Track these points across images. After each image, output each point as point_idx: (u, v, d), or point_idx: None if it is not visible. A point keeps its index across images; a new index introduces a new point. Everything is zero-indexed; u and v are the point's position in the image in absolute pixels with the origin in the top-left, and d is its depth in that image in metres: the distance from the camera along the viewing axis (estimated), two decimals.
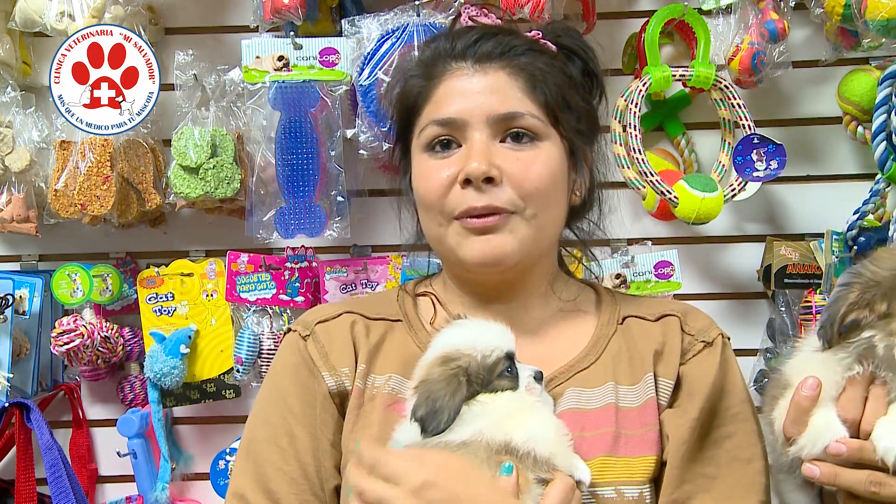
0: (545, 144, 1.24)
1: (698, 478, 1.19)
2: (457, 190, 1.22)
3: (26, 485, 1.85)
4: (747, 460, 1.22)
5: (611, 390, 1.23)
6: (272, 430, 1.25)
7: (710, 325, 1.30)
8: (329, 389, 1.25)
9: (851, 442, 1.11)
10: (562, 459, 1.12)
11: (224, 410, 1.99)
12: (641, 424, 1.21)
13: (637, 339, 1.28)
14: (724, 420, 1.23)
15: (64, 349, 1.86)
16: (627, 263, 1.90)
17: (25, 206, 1.88)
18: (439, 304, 1.35)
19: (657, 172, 1.75)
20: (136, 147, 1.86)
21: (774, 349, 1.91)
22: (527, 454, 1.09)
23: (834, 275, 1.79)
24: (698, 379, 1.24)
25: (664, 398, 1.23)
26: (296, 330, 1.32)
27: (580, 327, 1.32)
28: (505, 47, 1.26)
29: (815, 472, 1.12)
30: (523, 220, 1.22)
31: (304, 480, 1.22)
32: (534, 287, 1.32)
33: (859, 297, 1.15)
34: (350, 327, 1.30)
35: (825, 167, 1.98)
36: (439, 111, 1.25)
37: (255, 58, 1.77)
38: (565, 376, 1.25)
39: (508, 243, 1.21)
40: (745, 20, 1.80)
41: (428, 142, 1.26)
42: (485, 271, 1.25)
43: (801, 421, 1.14)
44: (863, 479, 1.10)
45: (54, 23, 1.81)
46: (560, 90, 1.26)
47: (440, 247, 1.29)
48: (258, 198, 1.83)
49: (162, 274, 1.96)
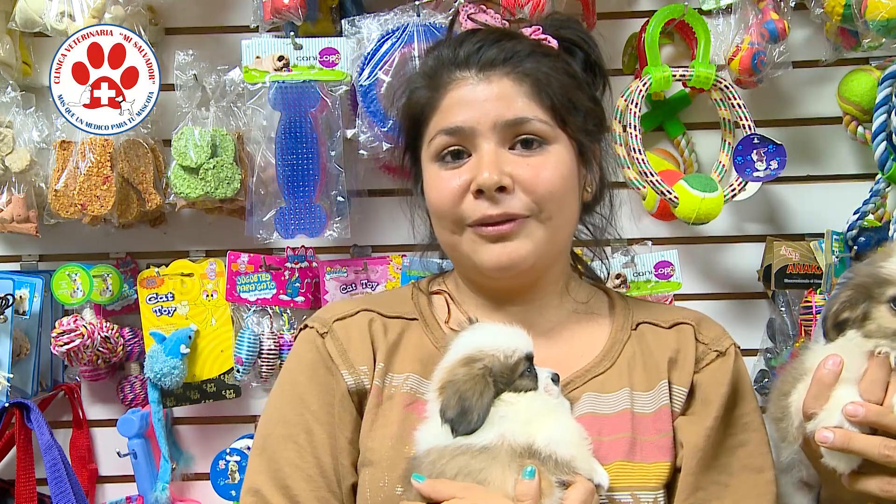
0: (554, 148, 1.25)
1: (711, 485, 1.20)
2: (469, 199, 1.22)
3: (26, 485, 1.85)
4: (759, 469, 1.24)
5: (626, 396, 1.24)
6: (289, 428, 1.25)
7: (723, 335, 1.31)
8: (348, 387, 1.25)
9: (868, 404, 1.11)
10: (582, 462, 1.13)
11: (224, 410, 1.99)
12: (656, 431, 1.22)
13: (651, 346, 1.29)
14: (737, 429, 1.25)
15: (64, 349, 1.86)
16: (628, 263, 1.90)
17: (25, 206, 1.88)
18: (453, 303, 1.35)
19: (657, 172, 1.75)
20: (136, 147, 1.86)
21: (774, 349, 1.91)
22: (549, 457, 1.10)
23: (834, 275, 1.79)
24: (712, 387, 1.25)
25: (678, 405, 1.25)
26: (313, 327, 1.32)
27: (595, 331, 1.33)
28: (508, 53, 1.26)
29: (828, 437, 1.11)
30: (539, 222, 1.23)
31: (321, 478, 1.22)
32: (549, 288, 1.33)
33: (849, 297, 1.18)
34: (368, 325, 1.30)
35: (825, 167, 1.98)
36: (446, 120, 1.25)
37: (256, 58, 1.77)
38: (582, 380, 1.26)
39: (524, 248, 1.22)
40: (745, 20, 1.80)
41: (437, 152, 1.26)
42: (501, 276, 1.26)
43: (822, 396, 1.14)
44: (877, 444, 1.09)
45: (54, 23, 1.81)
46: (565, 92, 1.26)
47: (454, 253, 1.29)
48: (258, 198, 1.83)
49: (162, 274, 1.96)
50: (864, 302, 1.16)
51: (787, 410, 1.20)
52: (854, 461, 1.12)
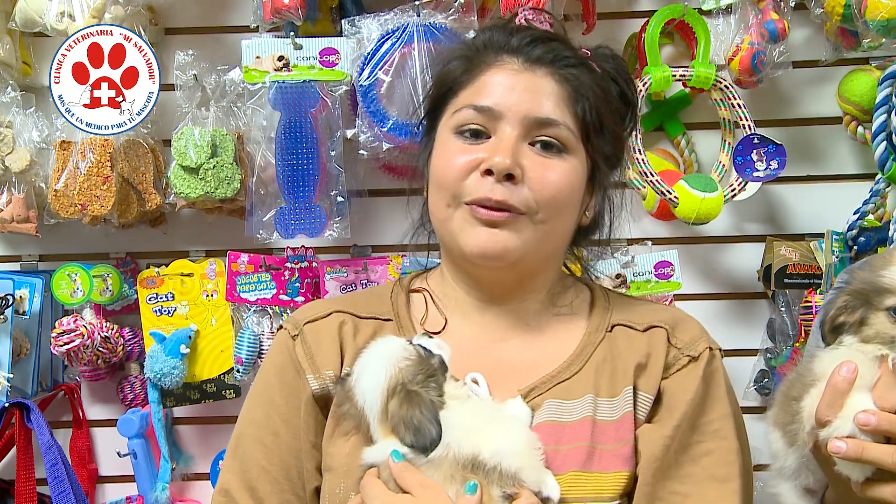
0: (571, 159, 1.25)
1: (671, 495, 1.17)
2: (475, 176, 1.22)
3: (26, 485, 1.85)
4: (723, 479, 1.19)
5: (589, 402, 1.21)
6: (258, 429, 1.27)
7: (698, 338, 1.27)
8: (313, 392, 1.25)
9: (881, 413, 1.09)
10: (530, 474, 1.11)
11: (224, 410, 1.99)
12: (617, 439, 1.19)
13: (622, 350, 1.27)
14: (704, 436, 1.21)
15: (64, 349, 1.86)
16: (627, 263, 1.90)
17: (25, 206, 1.88)
18: (433, 301, 1.34)
19: (657, 172, 1.75)
20: (136, 147, 1.86)
21: (774, 349, 1.91)
22: (493, 468, 1.08)
23: (834, 275, 1.79)
24: (678, 394, 1.22)
25: (642, 413, 1.22)
26: (286, 328, 1.33)
27: (570, 333, 1.30)
28: (557, 55, 1.27)
29: (841, 448, 1.09)
30: (532, 223, 1.22)
31: (286, 481, 1.24)
32: (532, 293, 1.31)
33: (846, 302, 1.17)
34: (338, 328, 1.29)
35: (825, 167, 1.98)
36: (479, 97, 1.25)
37: (256, 58, 1.77)
38: (545, 387, 1.23)
39: (511, 241, 1.21)
40: (745, 20, 1.80)
41: (459, 124, 1.26)
42: (483, 264, 1.24)
43: (836, 404, 1.12)
44: (890, 453, 1.07)
45: (54, 23, 1.81)
46: (598, 110, 1.27)
47: (443, 229, 1.28)
48: (258, 198, 1.83)
49: (162, 274, 1.96)
50: (861, 308, 1.15)
51: (799, 415, 1.18)
52: (868, 470, 1.11)
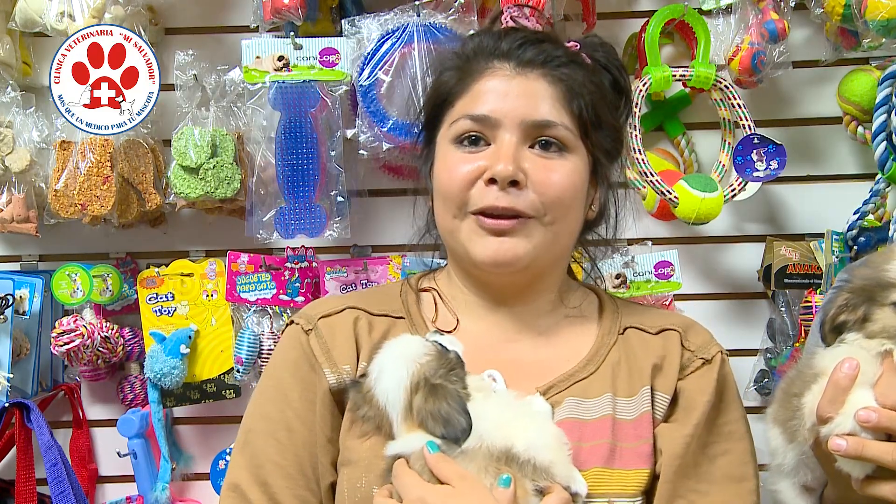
0: (572, 157, 1.26)
1: (690, 493, 1.19)
2: (480, 186, 1.22)
3: (26, 485, 1.85)
4: (740, 478, 1.23)
5: (608, 401, 1.23)
6: (270, 424, 1.26)
7: (710, 342, 1.31)
8: (330, 386, 1.25)
9: (883, 410, 1.09)
10: (561, 469, 1.12)
11: (224, 410, 1.99)
12: (636, 437, 1.21)
13: (636, 351, 1.29)
14: (720, 437, 1.24)
15: (64, 349, 1.86)
16: (628, 263, 1.90)
17: (25, 206, 1.88)
18: (441, 300, 1.35)
19: (657, 172, 1.75)
20: (136, 147, 1.86)
21: (774, 349, 1.91)
22: (527, 461, 1.09)
23: (834, 275, 1.79)
24: (695, 395, 1.24)
25: (660, 412, 1.24)
26: (298, 323, 1.32)
27: (582, 335, 1.32)
28: (548, 56, 1.27)
29: (841, 445, 1.10)
30: (541, 225, 1.23)
31: (300, 476, 1.23)
32: (542, 294, 1.32)
33: (847, 300, 1.17)
34: (353, 323, 1.29)
35: (825, 167, 1.98)
36: (474, 107, 1.26)
37: (255, 58, 1.77)
38: (564, 385, 1.25)
39: (521, 247, 1.22)
40: (745, 20, 1.80)
41: (457, 135, 1.26)
42: (494, 272, 1.26)
43: (837, 400, 1.12)
44: (890, 451, 1.07)
45: (54, 23, 1.81)
46: (594, 105, 1.28)
47: (451, 240, 1.29)
48: (258, 198, 1.83)
49: (162, 274, 1.96)
50: (864, 304, 1.15)
51: (800, 411, 1.18)
52: (868, 467, 1.11)
